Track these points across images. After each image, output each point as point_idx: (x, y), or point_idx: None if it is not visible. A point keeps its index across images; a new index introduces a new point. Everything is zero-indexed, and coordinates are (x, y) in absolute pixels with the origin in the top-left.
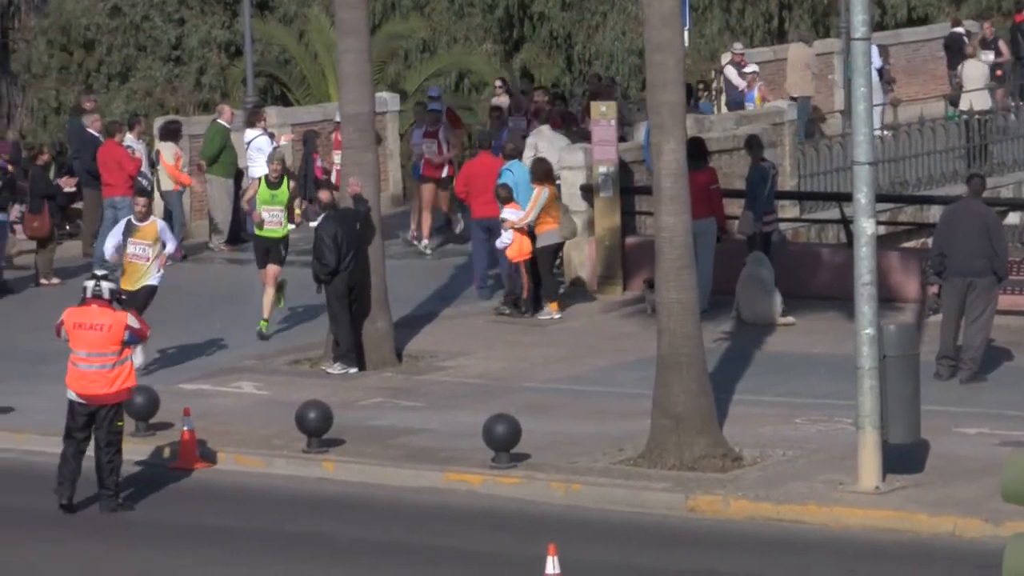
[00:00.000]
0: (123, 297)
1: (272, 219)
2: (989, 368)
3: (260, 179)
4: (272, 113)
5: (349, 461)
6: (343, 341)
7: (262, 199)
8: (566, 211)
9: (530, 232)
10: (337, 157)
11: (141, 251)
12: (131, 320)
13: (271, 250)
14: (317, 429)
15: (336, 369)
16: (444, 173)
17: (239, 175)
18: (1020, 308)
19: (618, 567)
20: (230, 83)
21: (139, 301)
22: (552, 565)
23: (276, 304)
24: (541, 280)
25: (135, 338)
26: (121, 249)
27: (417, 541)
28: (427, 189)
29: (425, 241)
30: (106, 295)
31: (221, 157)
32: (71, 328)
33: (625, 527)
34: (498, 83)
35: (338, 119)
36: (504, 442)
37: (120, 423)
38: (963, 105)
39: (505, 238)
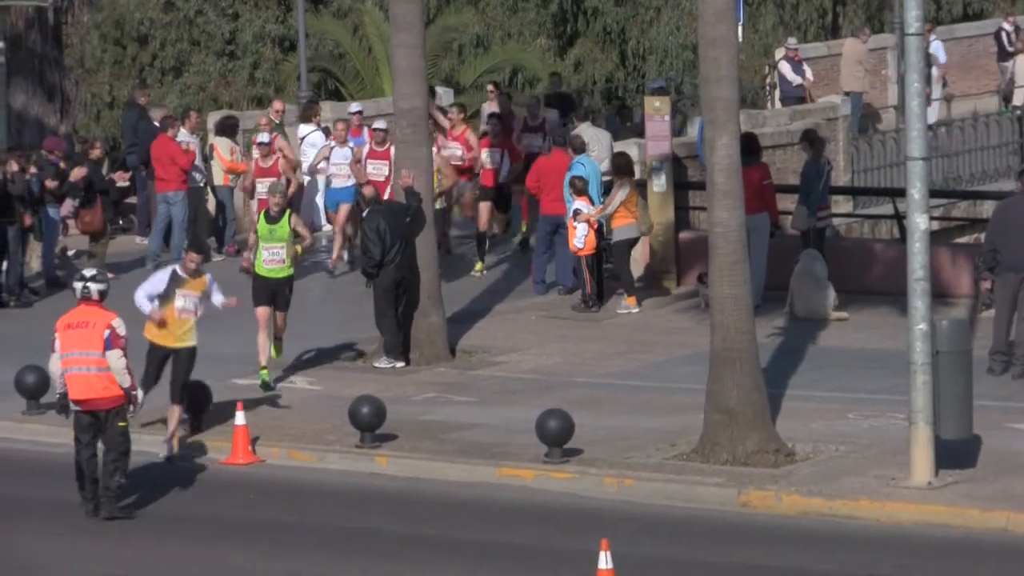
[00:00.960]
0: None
1: (272, 257)
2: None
3: (261, 212)
4: (326, 108)
5: (402, 456)
6: (388, 335)
7: (260, 235)
8: (645, 206)
9: (599, 227)
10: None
11: (191, 305)
12: (116, 323)
13: (276, 293)
14: (370, 424)
15: (383, 363)
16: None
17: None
18: None
19: (670, 562)
20: (284, 77)
21: (182, 364)
22: (605, 560)
23: (274, 354)
24: (614, 274)
25: (110, 345)
26: (155, 299)
27: (470, 536)
28: (343, 209)
29: (329, 264)
30: (95, 296)
31: None
32: (62, 330)
33: (677, 522)
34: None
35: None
36: (557, 437)
37: (123, 423)
38: (1016, 100)
39: (581, 231)
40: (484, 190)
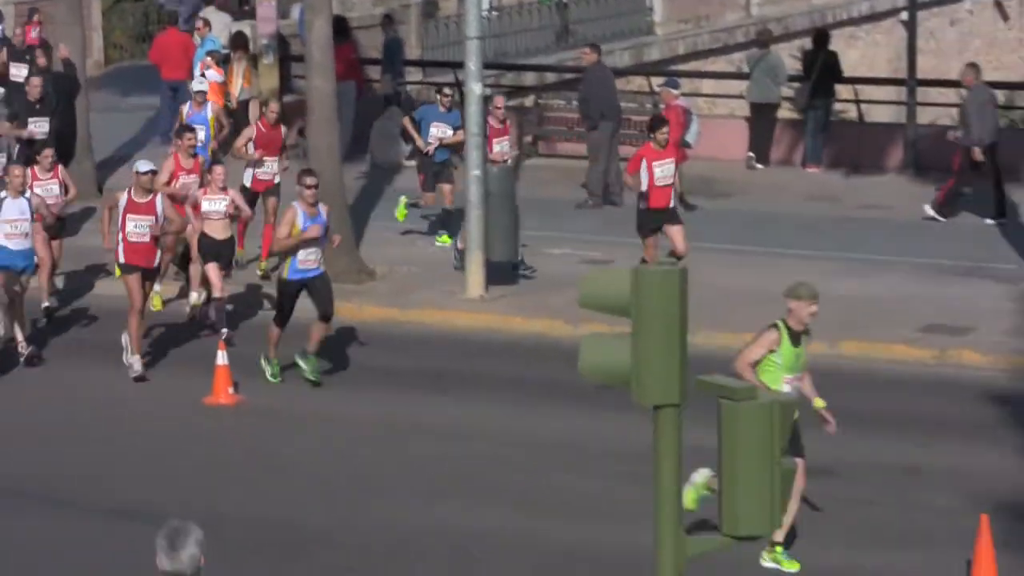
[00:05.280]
0: None
1: None
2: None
3: (779, 326)
4: None
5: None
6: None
7: (786, 361)
8: (256, 74)
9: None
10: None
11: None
12: None
13: None
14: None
15: None
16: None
17: None
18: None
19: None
20: None
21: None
22: (222, 357)
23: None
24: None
25: None
26: None
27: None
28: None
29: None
30: None
31: None
32: None
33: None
34: None
35: None
36: (183, 258)
37: None
38: None
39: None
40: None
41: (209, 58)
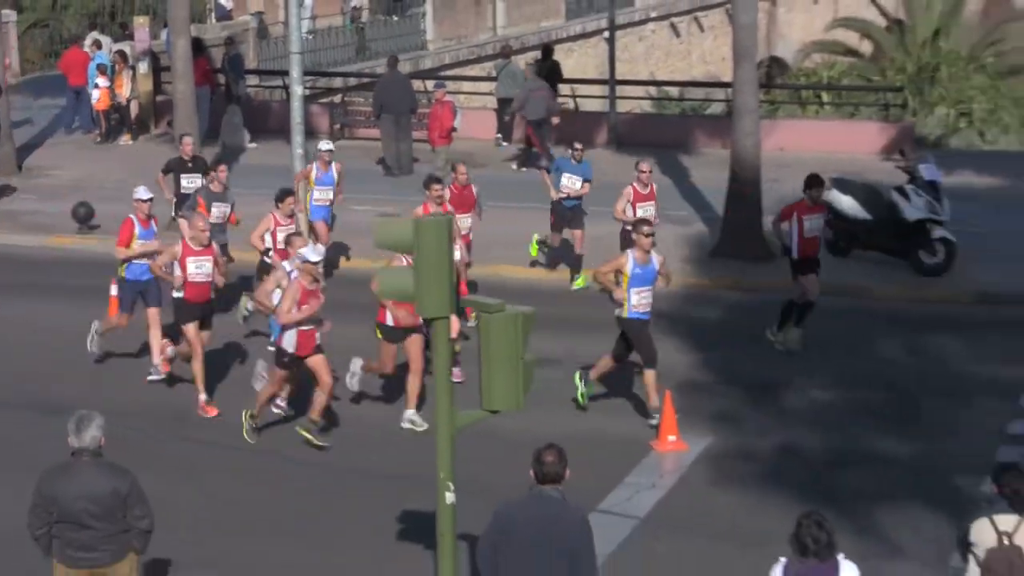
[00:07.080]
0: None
1: None
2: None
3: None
4: None
5: None
6: None
7: None
8: (135, 79)
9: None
10: None
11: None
12: None
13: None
14: None
15: None
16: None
17: None
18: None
19: None
20: None
21: None
22: (113, 289)
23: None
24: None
25: None
26: None
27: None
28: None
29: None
30: None
31: None
32: None
33: None
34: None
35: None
36: (83, 217)
37: None
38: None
39: (103, 85)
40: None
41: (97, 70)
